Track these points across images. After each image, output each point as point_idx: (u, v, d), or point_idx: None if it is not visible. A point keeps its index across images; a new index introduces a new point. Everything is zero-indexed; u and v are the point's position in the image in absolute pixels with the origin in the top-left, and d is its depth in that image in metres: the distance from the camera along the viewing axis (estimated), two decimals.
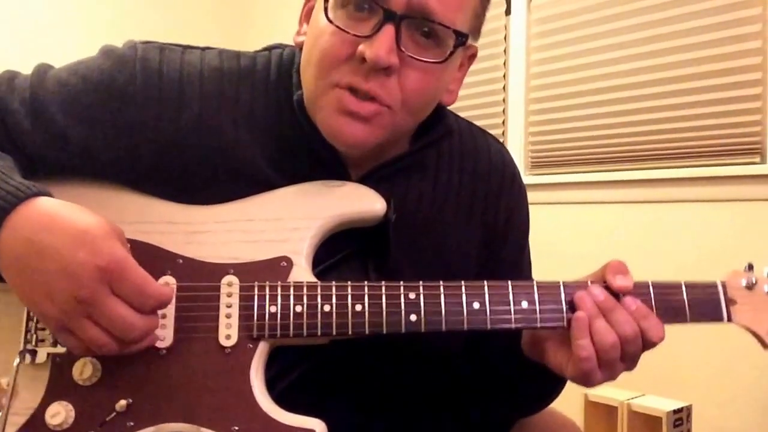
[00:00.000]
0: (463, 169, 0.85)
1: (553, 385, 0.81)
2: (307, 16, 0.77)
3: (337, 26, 0.69)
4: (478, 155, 0.86)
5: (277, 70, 0.78)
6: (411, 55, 0.69)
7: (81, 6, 3.07)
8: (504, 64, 2.57)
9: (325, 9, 0.69)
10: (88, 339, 0.62)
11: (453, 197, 0.83)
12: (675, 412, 1.80)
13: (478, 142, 0.87)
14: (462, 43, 0.71)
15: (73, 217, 0.63)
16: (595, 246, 2.28)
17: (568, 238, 2.29)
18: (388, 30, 0.67)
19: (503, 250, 0.87)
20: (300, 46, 0.77)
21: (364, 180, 0.78)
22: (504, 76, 2.57)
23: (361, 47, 0.67)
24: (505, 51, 2.56)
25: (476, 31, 0.76)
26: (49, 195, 0.66)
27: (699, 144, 2.10)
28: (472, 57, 0.80)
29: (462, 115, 0.90)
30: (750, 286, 0.73)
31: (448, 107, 0.83)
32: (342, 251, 0.77)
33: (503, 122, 2.57)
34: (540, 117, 2.49)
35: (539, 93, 2.48)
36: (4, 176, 0.65)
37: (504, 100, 2.58)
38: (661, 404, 1.82)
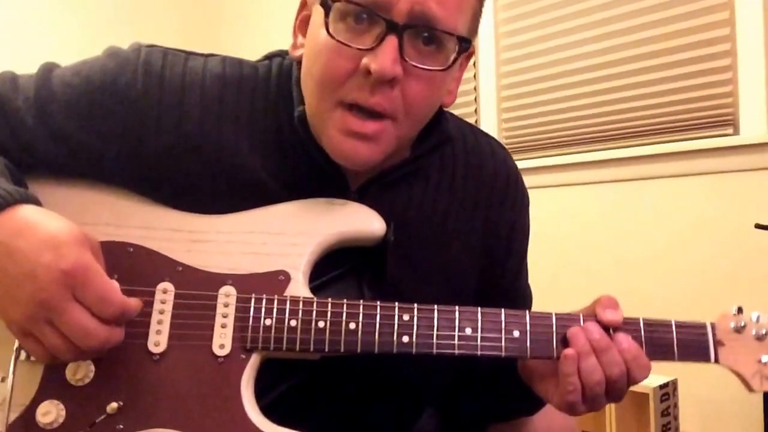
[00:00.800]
0: (467, 176, 0.84)
1: (537, 405, 0.83)
2: (301, 27, 0.77)
3: (339, 41, 0.68)
4: (482, 161, 0.86)
5: (277, 81, 0.78)
6: (415, 65, 0.68)
7: (49, 17, 3.06)
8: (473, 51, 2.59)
9: (326, 24, 0.68)
10: (48, 345, 0.62)
11: (456, 205, 0.83)
12: (661, 387, 1.82)
13: (482, 147, 0.87)
14: (465, 49, 0.71)
15: (46, 222, 0.63)
16: (574, 227, 2.31)
17: (546, 221, 2.31)
18: (391, 41, 0.66)
19: (507, 260, 0.88)
20: (297, 60, 0.76)
21: (363, 189, 0.78)
22: (474, 64, 2.59)
23: (365, 60, 0.67)
24: None
25: (475, 31, 0.76)
26: (35, 201, 0.67)
27: (671, 119, 2.11)
28: (469, 55, 0.79)
29: None
30: (738, 330, 0.74)
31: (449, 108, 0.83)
32: (339, 267, 0.78)
33: (475, 110, 2.60)
34: (511, 103, 2.51)
35: (509, 79, 2.51)
36: None
37: (475, 89, 2.60)
38: (648, 380, 1.82)
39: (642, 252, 2.13)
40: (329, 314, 0.71)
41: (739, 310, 0.75)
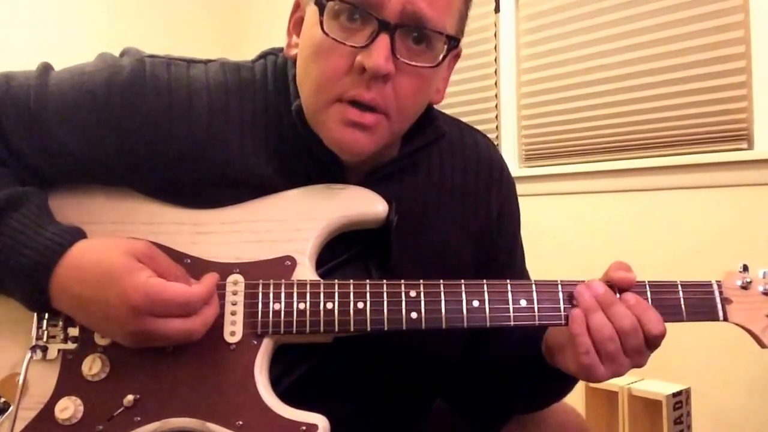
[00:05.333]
0: (454, 167, 0.86)
1: (562, 386, 0.83)
2: (295, 27, 0.78)
3: (333, 38, 0.70)
4: (466, 152, 0.88)
5: (273, 78, 0.80)
6: (405, 62, 0.70)
7: (79, 11, 3.08)
8: (495, 60, 2.64)
9: (321, 22, 0.70)
10: (174, 332, 0.68)
11: (446, 195, 0.85)
12: (674, 395, 1.82)
13: (465, 139, 0.89)
14: (454, 46, 0.73)
15: (97, 260, 0.69)
16: (589, 235, 2.31)
17: (562, 228, 2.33)
18: (384, 39, 0.68)
19: (499, 240, 0.89)
20: (293, 59, 0.78)
21: (363, 182, 0.79)
22: (495, 72, 2.64)
23: (359, 58, 0.69)
24: (495, 48, 2.63)
25: (461, 31, 0.77)
26: (80, 233, 0.72)
27: (687, 132, 2.14)
28: (457, 55, 0.81)
29: (455, 111, 0.93)
30: (745, 286, 0.74)
31: (437, 105, 0.84)
32: (345, 253, 0.79)
33: (496, 117, 2.64)
34: (532, 111, 2.54)
35: (530, 87, 2.54)
36: (37, 227, 0.70)
37: (496, 96, 2.64)
38: (661, 388, 1.85)
39: (655, 262, 2.12)
40: (337, 295, 0.72)
41: (745, 267, 0.75)
